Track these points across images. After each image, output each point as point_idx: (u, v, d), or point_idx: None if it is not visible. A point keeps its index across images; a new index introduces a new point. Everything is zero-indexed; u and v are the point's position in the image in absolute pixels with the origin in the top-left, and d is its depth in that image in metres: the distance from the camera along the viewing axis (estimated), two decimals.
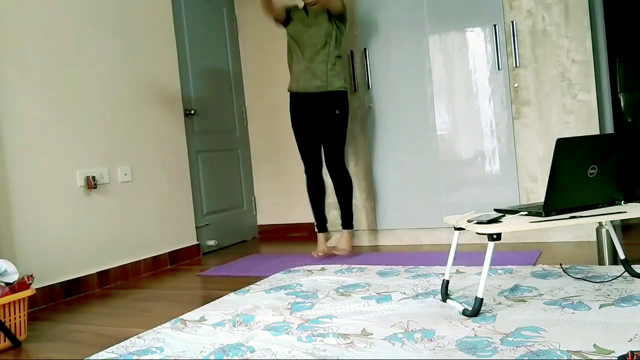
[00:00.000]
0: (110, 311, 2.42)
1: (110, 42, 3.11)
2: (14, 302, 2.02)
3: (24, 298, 2.06)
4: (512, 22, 3.04)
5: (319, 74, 3.07)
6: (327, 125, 3.11)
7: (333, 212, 3.57)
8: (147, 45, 3.37)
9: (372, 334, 1.71)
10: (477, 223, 1.79)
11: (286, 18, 3.21)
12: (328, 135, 3.12)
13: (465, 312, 1.79)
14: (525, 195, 3.08)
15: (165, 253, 3.39)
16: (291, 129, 3.25)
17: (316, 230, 3.30)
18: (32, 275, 2.16)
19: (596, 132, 2.90)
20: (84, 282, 2.84)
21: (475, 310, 1.76)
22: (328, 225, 3.31)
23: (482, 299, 1.76)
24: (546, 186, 1.77)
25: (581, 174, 1.80)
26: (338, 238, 3.33)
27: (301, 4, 3.27)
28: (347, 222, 3.21)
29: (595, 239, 2.42)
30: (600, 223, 2.30)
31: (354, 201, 3.46)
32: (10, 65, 2.57)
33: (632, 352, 1.27)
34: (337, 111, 3.09)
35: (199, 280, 2.94)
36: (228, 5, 4.35)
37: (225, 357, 1.62)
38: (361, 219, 3.49)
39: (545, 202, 1.79)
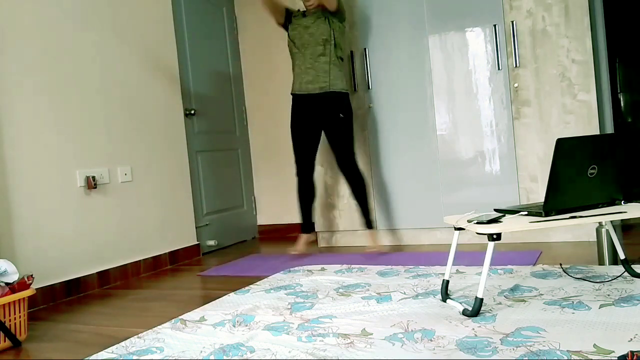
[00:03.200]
0: (110, 311, 2.42)
1: (109, 42, 3.11)
2: (14, 302, 2.02)
3: (24, 298, 2.06)
4: (512, 22, 3.04)
5: (321, 75, 3.08)
6: (334, 129, 3.13)
7: (333, 212, 3.58)
8: (147, 45, 3.37)
9: (372, 334, 1.71)
10: (477, 223, 1.79)
11: (285, 20, 3.22)
12: (336, 139, 3.13)
13: (465, 312, 1.79)
14: (525, 195, 3.08)
15: (165, 253, 3.39)
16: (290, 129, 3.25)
17: (301, 230, 3.33)
18: (32, 275, 2.16)
19: (596, 132, 2.90)
20: (84, 282, 2.84)
21: (475, 310, 1.76)
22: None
23: (482, 299, 1.76)
24: (546, 186, 1.77)
25: (581, 174, 1.80)
26: (365, 238, 3.30)
27: (300, 6, 3.28)
28: (368, 222, 3.24)
29: (595, 239, 2.42)
30: (600, 223, 2.30)
31: (353, 201, 3.45)
32: (10, 65, 2.57)
33: (632, 352, 1.27)
34: (341, 115, 3.10)
35: (199, 280, 2.94)
36: (228, 5, 4.35)
37: (225, 357, 1.62)
38: (361, 219, 3.49)
39: (545, 202, 1.79)
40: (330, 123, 3.12)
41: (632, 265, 2.11)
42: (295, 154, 3.23)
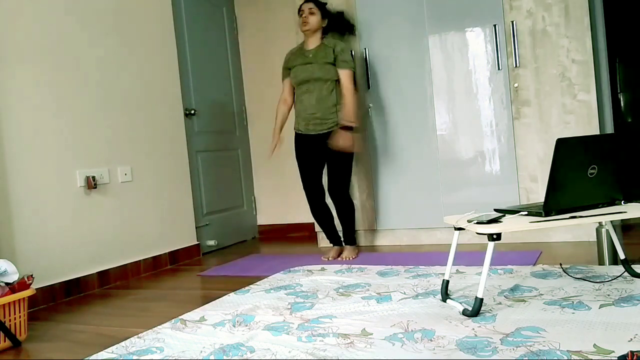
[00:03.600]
0: (110, 311, 2.42)
1: (110, 42, 3.11)
2: (14, 302, 2.02)
3: (24, 298, 2.06)
4: (512, 22, 3.04)
5: (328, 117, 3.05)
6: (334, 159, 3.07)
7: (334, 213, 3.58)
8: (147, 45, 3.37)
9: (372, 334, 1.71)
10: (477, 223, 1.79)
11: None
12: (334, 166, 3.08)
13: (465, 312, 1.79)
14: (525, 195, 3.08)
15: (165, 253, 3.39)
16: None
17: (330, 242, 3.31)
18: (32, 275, 2.16)
19: (596, 132, 2.90)
20: (84, 282, 2.84)
21: (475, 310, 1.76)
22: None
23: (482, 299, 1.76)
24: (546, 186, 1.77)
25: (581, 174, 1.80)
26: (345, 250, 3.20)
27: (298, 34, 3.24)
28: (349, 239, 3.19)
29: (595, 239, 2.42)
30: (600, 223, 2.30)
31: (354, 201, 3.45)
32: (10, 65, 2.57)
33: (632, 352, 1.27)
34: None
35: (199, 280, 2.94)
36: (228, 5, 4.35)
37: (225, 357, 1.62)
38: (361, 219, 3.49)
39: (545, 202, 1.79)
40: (331, 154, 3.07)
41: (632, 265, 2.11)
42: (304, 182, 3.18)
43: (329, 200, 3.23)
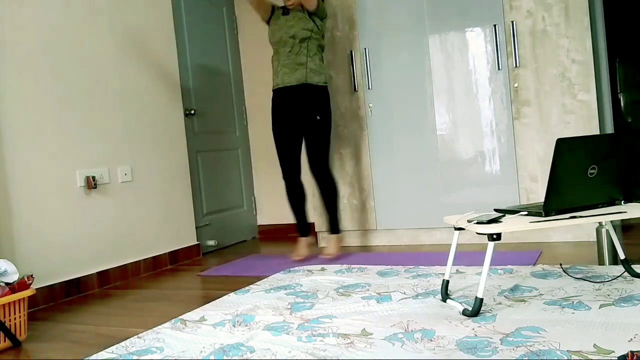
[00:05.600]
0: (110, 311, 2.42)
1: (110, 41, 3.11)
2: (14, 302, 2.02)
3: (24, 298, 2.06)
4: (512, 22, 3.04)
5: (298, 67, 3.05)
6: (310, 130, 3.07)
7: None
8: (147, 45, 3.37)
9: (372, 334, 1.71)
10: (477, 223, 1.79)
11: (270, 16, 3.23)
12: (311, 140, 3.07)
13: (465, 312, 1.79)
14: (525, 195, 3.08)
15: (165, 253, 3.39)
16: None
17: (299, 234, 3.28)
18: (32, 275, 2.16)
19: (596, 132, 2.90)
20: (84, 282, 2.84)
21: (475, 310, 1.76)
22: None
23: (482, 299, 1.76)
24: (546, 186, 1.78)
25: (581, 174, 1.80)
26: (326, 241, 3.21)
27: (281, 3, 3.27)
28: (334, 227, 3.16)
29: (595, 239, 2.42)
30: (600, 223, 2.30)
31: (353, 201, 3.45)
32: (10, 65, 2.57)
33: (632, 352, 1.28)
34: (318, 117, 3.06)
35: (199, 280, 2.94)
36: (228, 5, 4.35)
37: (225, 357, 1.62)
38: (361, 219, 3.49)
39: (545, 202, 1.79)
40: (307, 124, 3.08)
41: (632, 265, 2.11)
42: (280, 157, 3.18)
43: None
